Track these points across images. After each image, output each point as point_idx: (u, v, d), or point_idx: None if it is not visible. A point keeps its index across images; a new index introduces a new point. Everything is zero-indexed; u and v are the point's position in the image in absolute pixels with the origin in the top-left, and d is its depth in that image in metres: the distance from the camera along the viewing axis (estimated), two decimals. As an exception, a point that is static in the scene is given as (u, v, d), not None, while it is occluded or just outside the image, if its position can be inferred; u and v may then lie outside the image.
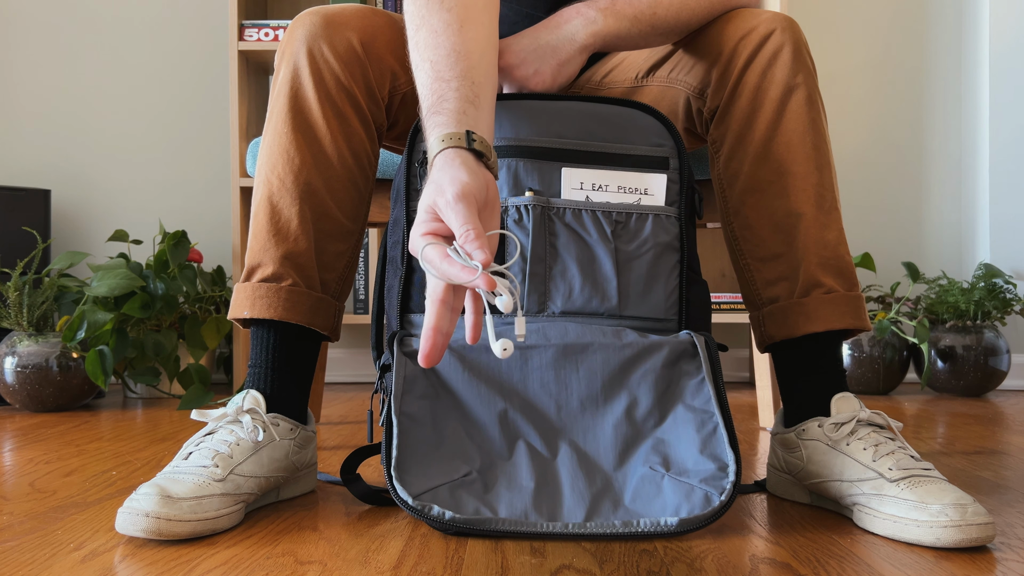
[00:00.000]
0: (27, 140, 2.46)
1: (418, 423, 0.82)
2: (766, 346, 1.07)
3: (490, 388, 0.86)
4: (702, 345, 0.89)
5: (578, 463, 0.81)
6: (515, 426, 0.85)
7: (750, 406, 1.96)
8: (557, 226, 0.93)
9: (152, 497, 0.85)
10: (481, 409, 0.86)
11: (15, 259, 2.11)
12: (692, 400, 0.87)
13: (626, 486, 0.80)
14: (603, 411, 0.87)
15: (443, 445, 0.81)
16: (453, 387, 0.86)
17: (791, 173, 1.01)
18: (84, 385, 1.91)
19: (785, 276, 1.04)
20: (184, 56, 2.47)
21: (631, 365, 0.88)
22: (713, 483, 0.77)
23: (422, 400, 0.85)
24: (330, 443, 1.47)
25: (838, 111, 2.49)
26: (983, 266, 2.24)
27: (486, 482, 0.78)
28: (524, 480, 0.79)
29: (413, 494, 0.74)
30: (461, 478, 0.78)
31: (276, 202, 1.02)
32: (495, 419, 0.85)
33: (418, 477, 0.76)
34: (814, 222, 1.02)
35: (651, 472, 0.80)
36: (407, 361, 0.88)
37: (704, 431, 0.83)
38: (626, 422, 0.86)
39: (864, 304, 1.04)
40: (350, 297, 2.33)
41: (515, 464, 0.81)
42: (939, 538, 0.84)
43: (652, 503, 0.77)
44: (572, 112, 0.97)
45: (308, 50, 1.02)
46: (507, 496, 0.77)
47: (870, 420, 0.98)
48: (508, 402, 0.86)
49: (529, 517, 0.74)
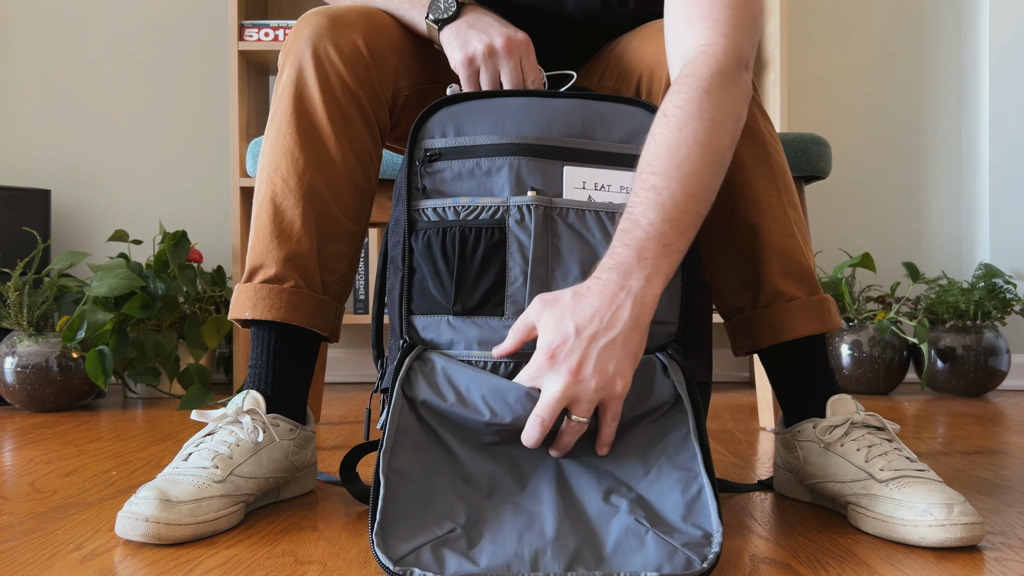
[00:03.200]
0: (27, 140, 2.46)
1: (407, 479, 0.81)
2: (744, 353, 1.09)
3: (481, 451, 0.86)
4: (684, 392, 0.88)
5: (563, 512, 0.80)
6: (505, 482, 0.84)
7: (750, 406, 1.96)
8: (560, 227, 0.92)
9: (151, 501, 0.85)
10: (472, 465, 0.85)
11: (15, 259, 2.11)
12: (676, 455, 0.85)
13: (609, 537, 0.78)
14: (591, 465, 0.86)
15: (431, 502, 0.79)
16: (446, 441, 0.85)
17: (735, 186, 1.03)
18: (84, 385, 1.91)
19: (746, 287, 1.06)
20: (184, 56, 2.47)
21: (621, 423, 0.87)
22: (696, 550, 0.76)
23: (413, 452, 0.83)
24: (330, 443, 1.47)
25: (838, 111, 2.49)
26: (983, 266, 2.24)
27: (470, 538, 0.77)
28: (507, 534, 0.78)
29: (395, 558, 0.73)
30: (445, 535, 0.76)
31: (279, 203, 1.02)
32: (485, 477, 0.84)
33: (401, 537, 0.75)
34: (767, 231, 1.03)
35: (636, 525, 0.78)
36: (404, 408, 0.85)
37: (688, 494, 0.81)
38: (611, 475, 0.85)
39: (829, 304, 1.05)
40: (350, 297, 2.33)
41: (500, 519, 0.80)
42: (923, 537, 0.85)
43: (633, 557, 0.75)
44: (575, 110, 0.96)
45: (314, 50, 1.02)
46: (490, 550, 0.76)
47: (865, 422, 0.98)
48: (498, 463, 0.86)
49: (512, 568, 0.74)
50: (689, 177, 0.85)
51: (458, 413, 0.85)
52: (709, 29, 0.92)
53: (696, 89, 0.88)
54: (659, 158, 0.86)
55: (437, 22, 1.04)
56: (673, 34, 0.96)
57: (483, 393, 0.84)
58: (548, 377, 0.81)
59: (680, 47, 0.95)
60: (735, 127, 0.90)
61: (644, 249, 0.83)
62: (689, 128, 0.86)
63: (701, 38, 0.92)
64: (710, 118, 0.87)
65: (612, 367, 0.80)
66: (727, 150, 0.89)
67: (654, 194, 0.85)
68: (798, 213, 1.07)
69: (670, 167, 0.85)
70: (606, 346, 0.80)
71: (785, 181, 1.06)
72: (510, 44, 1.01)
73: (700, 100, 0.88)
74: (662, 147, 0.87)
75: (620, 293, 0.82)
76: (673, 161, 0.85)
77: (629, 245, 0.84)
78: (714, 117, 0.87)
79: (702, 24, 0.92)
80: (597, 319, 0.81)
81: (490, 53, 1.01)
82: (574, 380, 0.80)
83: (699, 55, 0.91)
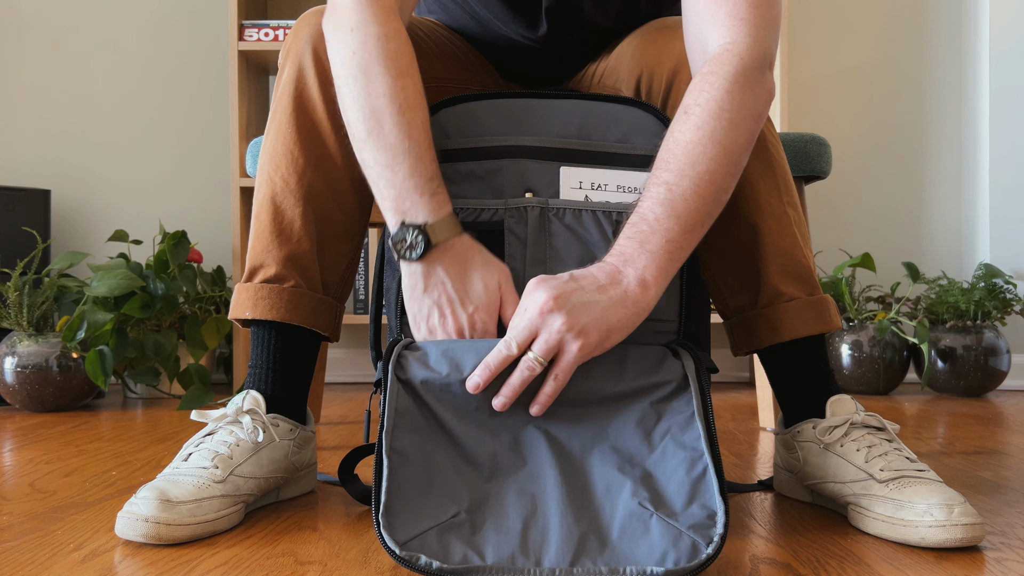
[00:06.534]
0: (27, 140, 2.46)
1: (408, 461, 0.80)
2: (743, 352, 1.08)
3: (480, 428, 0.85)
4: (693, 376, 0.88)
5: (567, 494, 0.80)
6: (506, 461, 0.84)
7: (750, 406, 1.96)
8: (556, 227, 0.92)
9: (151, 501, 0.85)
10: (472, 445, 0.84)
11: (15, 259, 2.11)
12: (682, 435, 0.85)
13: (613, 521, 0.78)
14: (593, 443, 0.86)
15: (433, 485, 0.79)
16: (445, 422, 0.85)
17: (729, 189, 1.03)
18: (84, 385, 1.91)
19: (746, 286, 1.05)
20: (184, 56, 2.47)
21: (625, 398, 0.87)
22: (701, 531, 0.75)
23: (413, 435, 0.83)
24: (330, 443, 1.47)
25: (838, 111, 2.49)
26: (983, 266, 2.24)
27: (474, 522, 0.77)
28: (512, 521, 0.77)
29: (400, 541, 0.73)
30: (449, 519, 0.76)
31: (279, 203, 1.02)
32: (486, 456, 0.84)
33: (406, 521, 0.75)
34: (767, 231, 1.03)
35: (640, 509, 0.78)
36: (400, 390, 0.85)
37: (694, 473, 0.81)
38: (615, 452, 0.85)
39: (829, 304, 1.05)
40: (350, 297, 2.33)
41: (503, 503, 0.79)
42: (923, 538, 0.85)
43: (639, 543, 0.75)
44: (571, 110, 0.96)
45: (314, 50, 1.02)
46: (494, 539, 0.75)
47: (864, 422, 0.98)
48: (498, 440, 0.85)
49: (516, 562, 0.73)
50: (702, 176, 0.85)
51: (455, 381, 0.85)
52: (735, 27, 0.91)
53: (718, 88, 0.88)
54: (675, 155, 0.86)
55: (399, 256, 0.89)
56: (695, 31, 0.95)
57: (476, 361, 0.85)
58: (530, 298, 0.83)
59: (703, 44, 0.93)
60: (753, 128, 0.90)
61: (646, 243, 0.84)
62: (707, 127, 0.86)
63: (727, 35, 0.91)
64: (729, 118, 0.87)
65: (584, 320, 0.81)
66: (744, 151, 0.89)
67: (664, 190, 0.85)
68: (798, 213, 1.07)
69: (684, 165, 0.86)
70: (586, 303, 0.82)
71: (785, 181, 1.06)
72: (460, 331, 0.88)
73: (721, 99, 0.87)
74: (679, 144, 0.87)
75: (616, 275, 0.83)
76: (688, 159, 0.86)
77: (632, 237, 0.85)
78: (733, 117, 0.87)
79: (728, 22, 0.91)
80: (587, 286, 0.82)
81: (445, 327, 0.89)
82: (549, 308, 0.81)
83: (724, 52, 0.90)
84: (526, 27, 1.12)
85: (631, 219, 0.86)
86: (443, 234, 0.87)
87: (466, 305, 0.88)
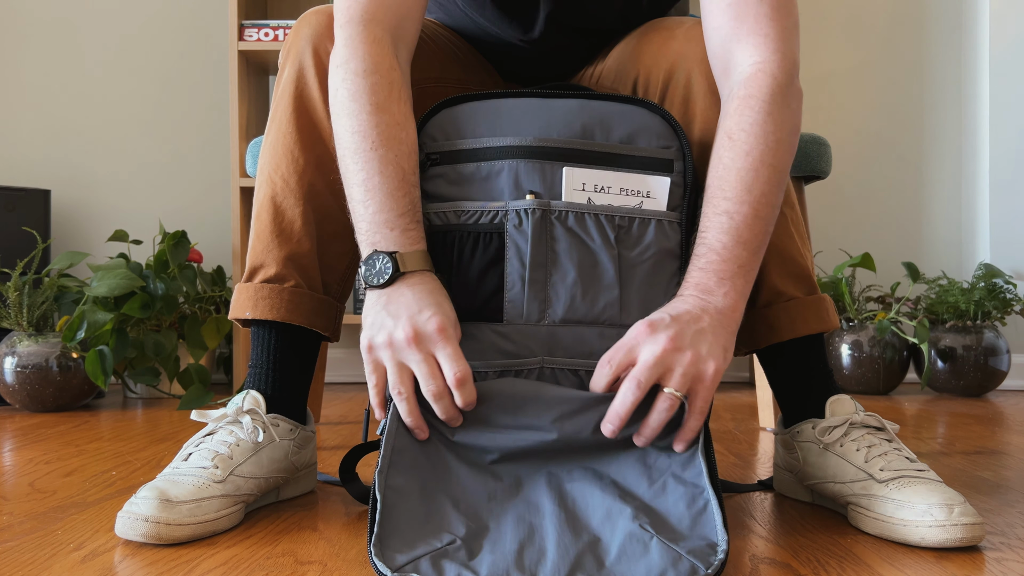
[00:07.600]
0: (27, 140, 2.46)
1: (404, 496, 0.80)
2: (743, 352, 1.08)
3: (483, 469, 0.85)
4: None
5: (565, 520, 0.80)
6: (506, 497, 0.84)
7: (750, 406, 1.96)
8: (558, 230, 0.91)
9: (151, 501, 0.85)
10: (472, 481, 0.84)
11: (15, 259, 2.11)
12: (683, 471, 0.85)
13: (613, 541, 0.77)
14: (594, 477, 0.86)
15: (430, 518, 0.79)
16: (445, 459, 0.85)
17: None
18: (84, 385, 1.91)
19: None
20: (184, 56, 2.47)
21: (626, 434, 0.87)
22: (701, 557, 0.75)
23: (411, 471, 0.83)
24: (330, 443, 1.47)
25: (838, 111, 2.49)
26: (983, 266, 2.24)
27: (471, 549, 0.76)
28: (508, 544, 0.77)
29: (394, 568, 0.73)
30: (445, 547, 0.76)
31: (279, 202, 1.02)
32: (486, 493, 0.84)
33: (399, 549, 0.74)
34: None
35: (640, 531, 0.77)
36: (399, 428, 0.85)
37: (695, 508, 0.80)
38: (615, 486, 0.85)
39: (827, 304, 1.05)
40: (350, 297, 2.33)
41: (501, 531, 0.79)
42: (924, 538, 0.85)
43: (638, 563, 0.74)
44: (574, 110, 0.95)
45: (314, 49, 1.02)
46: (490, 559, 0.75)
47: (864, 422, 0.98)
48: (498, 480, 0.85)
49: (511, 575, 0.73)
50: (759, 200, 0.89)
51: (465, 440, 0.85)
52: (760, 45, 0.93)
53: (759, 111, 0.90)
54: (729, 183, 0.89)
55: (367, 285, 0.89)
56: (718, 46, 0.96)
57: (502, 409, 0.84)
58: (646, 344, 0.82)
59: (727, 61, 0.95)
60: (795, 142, 0.93)
61: (721, 272, 0.87)
62: (756, 152, 0.90)
63: (755, 55, 0.93)
64: (775, 139, 0.90)
65: (705, 349, 0.83)
66: (789, 165, 0.93)
67: (727, 219, 0.88)
68: (796, 213, 1.07)
69: (741, 191, 0.89)
70: (699, 331, 0.83)
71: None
72: (416, 337, 0.83)
73: (764, 123, 0.90)
74: (731, 171, 0.90)
75: (705, 306, 0.86)
76: (743, 185, 0.89)
77: (705, 269, 0.88)
78: (779, 137, 0.91)
79: (752, 40, 0.93)
80: (688, 320, 0.84)
81: (389, 343, 0.84)
82: (672, 347, 0.82)
83: (756, 73, 0.92)
84: (523, 32, 1.13)
85: (698, 250, 0.89)
86: (412, 266, 0.87)
87: (425, 311, 0.85)
